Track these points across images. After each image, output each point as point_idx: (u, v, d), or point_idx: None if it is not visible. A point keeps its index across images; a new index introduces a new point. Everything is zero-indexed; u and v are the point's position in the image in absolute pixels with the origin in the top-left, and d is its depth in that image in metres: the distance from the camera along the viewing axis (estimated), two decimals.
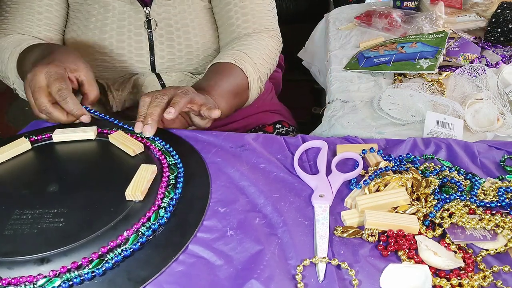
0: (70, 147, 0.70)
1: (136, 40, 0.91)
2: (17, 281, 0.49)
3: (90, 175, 0.64)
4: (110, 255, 0.52)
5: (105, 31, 0.90)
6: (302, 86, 2.12)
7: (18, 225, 0.55)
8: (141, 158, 0.66)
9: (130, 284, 0.50)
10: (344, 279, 0.50)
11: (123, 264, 0.52)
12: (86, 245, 0.52)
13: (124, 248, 0.52)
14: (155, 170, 0.62)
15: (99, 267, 0.50)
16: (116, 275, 0.51)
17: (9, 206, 0.58)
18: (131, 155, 0.66)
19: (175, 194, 0.60)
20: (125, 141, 0.68)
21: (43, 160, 0.69)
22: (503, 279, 0.50)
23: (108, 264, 0.51)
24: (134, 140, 0.68)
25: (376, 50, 1.10)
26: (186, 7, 0.92)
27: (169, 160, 0.66)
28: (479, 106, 0.83)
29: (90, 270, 0.50)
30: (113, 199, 0.58)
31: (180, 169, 0.65)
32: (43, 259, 0.51)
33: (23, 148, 0.69)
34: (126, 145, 0.67)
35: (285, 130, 1.08)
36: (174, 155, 0.67)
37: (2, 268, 0.50)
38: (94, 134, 0.71)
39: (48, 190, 0.61)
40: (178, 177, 0.63)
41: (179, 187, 0.62)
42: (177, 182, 0.62)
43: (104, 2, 0.90)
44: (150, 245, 0.54)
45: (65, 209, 0.57)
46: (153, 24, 0.91)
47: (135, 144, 0.67)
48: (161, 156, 0.67)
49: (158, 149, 0.68)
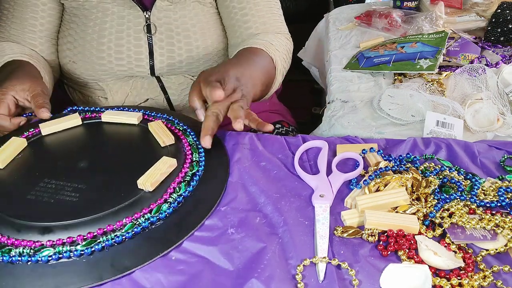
0: (113, 128, 0.74)
1: (135, 45, 0.90)
2: (19, 243, 0.53)
3: (118, 158, 0.67)
4: (102, 238, 0.53)
5: (104, 35, 0.89)
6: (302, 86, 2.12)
7: (41, 192, 0.60)
8: (168, 150, 0.66)
9: (112, 270, 0.51)
10: (344, 279, 0.50)
11: (112, 249, 0.53)
12: (87, 223, 0.54)
13: (117, 234, 0.54)
14: (174, 164, 0.62)
15: (88, 247, 0.52)
16: (101, 258, 0.52)
17: (41, 174, 0.63)
18: (161, 146, 0.67)
19: (186, 191, 0.60)
20: (159, 131, 0.69)
21: (85, 137, 0.73)
22: (503, 279, 0.50)
23: (97, 246, 0.52)
24: (168, 131, 0.69)
25: (376, 50, 1.10)
26: (187, 12, 0.92)
27: (193, 157, 0.66)
28: (479, 106, 0.83)
29: (80, 248, 0.52)
30: (127, 185, 0.59)
31: (200, 167, 0.65)
32: (46, 228, 0.54)
33: (74, 123, 0.75)
34: (159, 135, 0.69)
35: (285, 130, 1.08)
36: (201, 152, 0.67)
37: (13, 229, 0.54)
38: (137, 120, 0.74)
39: (78, 165, 0.65)
40: (195, 175, 0.63)
41: (192, 185, 0.61)
42: (192, 180, 0.62)
43: (103, 7, 0.89)
44: (143, 236, 0.55)
45: (84, 185, 0.60)
46: (153, 28, 0.90)
47: (167, 135, 0.68)
48: (188, 151, 0.67)
49: (189, 143, 0.69)
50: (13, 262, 0.52)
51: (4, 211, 0.57)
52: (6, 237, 0.54)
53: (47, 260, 0.52)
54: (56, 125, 0.73)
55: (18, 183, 0.62)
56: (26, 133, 0.72)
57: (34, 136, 0.72)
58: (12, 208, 0.57)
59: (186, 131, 0.72)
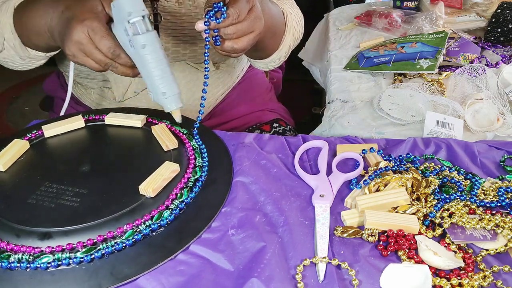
0: (116, 131, 0.74)
1: None
2: (18, 249, 0.52)
3: (120, 162, 0.66)
4: (103, 245, 0.52)
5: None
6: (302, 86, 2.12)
7: (41, 197, 0.59)
8: (172, 155, 0.66)
9: (111, 278, 0.50)
10: (344, 279, 0.50)
11: (112, 256, 0.53)
12: (87, 229, 0.54)
13: (117, 242, 0.53)
14: (176, 169, 0.62)
15: (88, 254, 0.52)
16: (101, 266, 0.52)
17: (43, 177, 0.63)
18: (164, 150, 0.67)
19: (188, 197, 0.60)
20: (163, 135, 0.69)
21: (88, 140, 0.72)
22: (503, 279, 0.50)
23: (97, 254, 0.52)
24: (172, 135, 0.69)
25: (376, 50, 1.10)
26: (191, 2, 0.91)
27: (197, 162, 0.65)
28: (479, 106, 0.83)
29: (80, 256, 0.51)
30: (129, 190, 0.59)
31: (203, 173, 0.64)
32: (46, 234, 0.53)
33: (77, 125, 0.74)
34: (162, 139, 0.68)
35: (282, 129, 1.08)
36: (204, 157, 0.67)
37: (12, 234, 0.54)
38: (141, 123, 0.73)
39: (80, 169, 0.64)
40: (198, 180, 0.63)
41: (195, 191, 0.61)
42: (194, 186, 0.62)
43: None
44: (143, 244, 0.54)
45: (85, 190, 0.60)
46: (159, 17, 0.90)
47: (170, 139, 0.67)
48: (192, 156, 0.66)
49: (193, 148, 0.68)
50: (11, 269, 0.51)
51: (4, 216, 0.56)
52: (6, 242, 0.53)
53: (46, 267, 0.51)
54: (59, 127, 0.73)
55: (19, 186, 0.62)
56: (29, 135, 0.72)
57: (36, 138, 0.72)
58: (12, 212, 0.57)
59: (189, 135, 0.71)
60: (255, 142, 0.72)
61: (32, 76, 2.80)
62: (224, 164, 0.67)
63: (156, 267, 0.52)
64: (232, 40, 0.63)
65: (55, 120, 0.74)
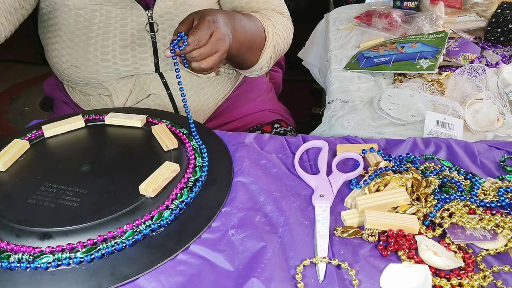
0: (116, 131, 0.74)
1: (139, 44, 0.90)
2: (18, 249, 0.52)
3: (121, 162, 0.66)
4: (103, 245, 0.52)
5: (108, 37, 0.89)
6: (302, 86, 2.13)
7: (41, 197, 0.59)
8: (172, 155, 0.66)
9: (111, 278, 0.50)
10: (344, 279, 0.50)
11: (112, 256, 0.53)
12: (87, 229, 0.54)
13: (117, 242, 0.53)
14: (176, 169, 0.62)
15: (88, 254, 0.52)
16: (101, 266, 0.52)
17: (42, 177, 0.63)
18: (165, 150, 0.67)
19: (188, 197, 0.60)
20: (163, 135, 0.69)
21: (88, 140, 0.72)
22: (503, 279, 0.50)
23: (97, 254, 0.52)
24: (172, 135, 0.69)
25: (376, 50, 1.10)
26: (187, 6, 0.92)
27: (197, 162, 0.65)
28: (479, 106, 0.83)
29: (80, 256, 0.51)
30: (129, 190, 0.59)
31: (203, 173, 0.64)
32: (46, 234, 0.53)
33: (77, 125, 0.74)
34: (162, 139, 0.68)
35: (283, 130, 1.08)
36: (204, 157, 0.67)
37: (12, 234, 0.54)
38: (141, 123, 0.73)
39: (80, 169, 0.64)
40: (198, 180, 0.63)
41: (195, 191, 0.61)
42: (194, 186, 0.62)
43: (106, 10, 0.89)
44: (143, 244, 0.54)
45: (85, 190, 0.60)
46: (155, 27, 0.90)
47: (170, 139, 0.68)
48: (192, 156, 0.66)
49: (192, 148, 0.68)
50: (12, 268, 0.51)
51: (4, 216, 0.56)
52: (6, 242, 0.53)
53: (46, 267, 0.51)
54: (59, 127, 0.73)
55: (19, 186, 0.62)
56: (29, 135, 0.72)
57: (36, 138, 0.72)
58: (12, 212, 0.57)
59: (190, 135, 0.71)
60: (255, 142, 0.72)
61: (32, 76, 2.81)
62: (224, 164, 0.67)
63: (156, 267, 0.51)
64: (198, 61, 0.70)
65: (55, 120, 0.74)
